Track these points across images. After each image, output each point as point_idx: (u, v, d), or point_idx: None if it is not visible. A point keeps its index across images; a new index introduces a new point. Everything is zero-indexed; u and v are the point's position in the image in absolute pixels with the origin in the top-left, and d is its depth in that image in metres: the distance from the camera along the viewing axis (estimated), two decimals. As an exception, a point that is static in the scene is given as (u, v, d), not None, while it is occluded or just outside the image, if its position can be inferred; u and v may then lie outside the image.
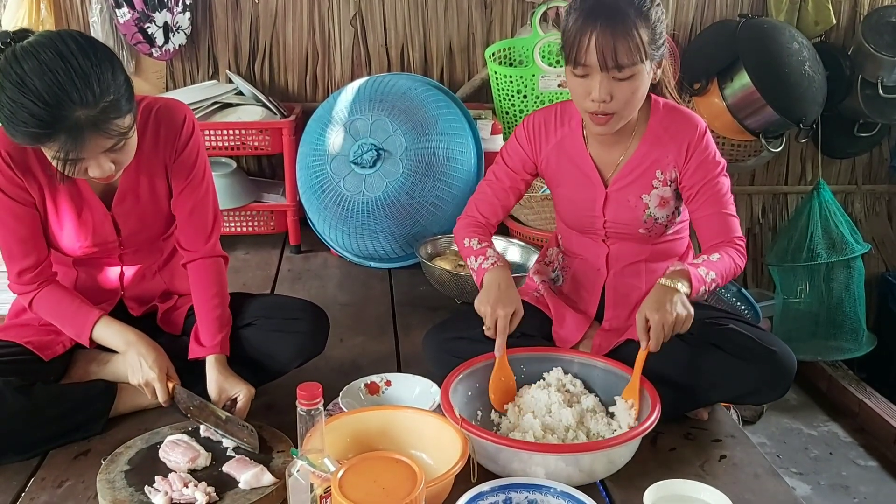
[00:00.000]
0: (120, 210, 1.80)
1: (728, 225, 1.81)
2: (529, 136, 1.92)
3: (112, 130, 1.52)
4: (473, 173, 2.80)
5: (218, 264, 1.90)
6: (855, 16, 3.45)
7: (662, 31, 1.72)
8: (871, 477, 2.89)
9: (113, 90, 1.50)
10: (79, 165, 1.56)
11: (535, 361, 1.87)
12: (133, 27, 3.03)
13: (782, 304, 3.45)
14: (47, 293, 1.80)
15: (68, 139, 1.49)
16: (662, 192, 1.84)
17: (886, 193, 3.80)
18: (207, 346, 1.81)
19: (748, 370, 1.74)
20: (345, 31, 3.31)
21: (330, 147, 2.75)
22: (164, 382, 1.77)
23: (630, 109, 1.73)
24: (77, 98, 1.46)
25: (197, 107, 2.96)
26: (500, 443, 1.55)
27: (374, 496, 1.26)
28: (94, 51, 1.50)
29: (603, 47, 1.62)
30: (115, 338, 1.80)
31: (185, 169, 1.82)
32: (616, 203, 1.86)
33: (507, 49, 3.19)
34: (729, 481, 1.66)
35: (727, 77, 3.14)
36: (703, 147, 1.80)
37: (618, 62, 1.63)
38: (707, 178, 1.80)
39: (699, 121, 1.83)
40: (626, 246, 1.92)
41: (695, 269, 1.69)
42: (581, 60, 1.66)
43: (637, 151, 1.83)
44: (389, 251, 2.83)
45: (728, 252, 1.77)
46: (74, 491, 1.61)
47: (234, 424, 1.70)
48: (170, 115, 1.79)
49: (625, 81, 1.67)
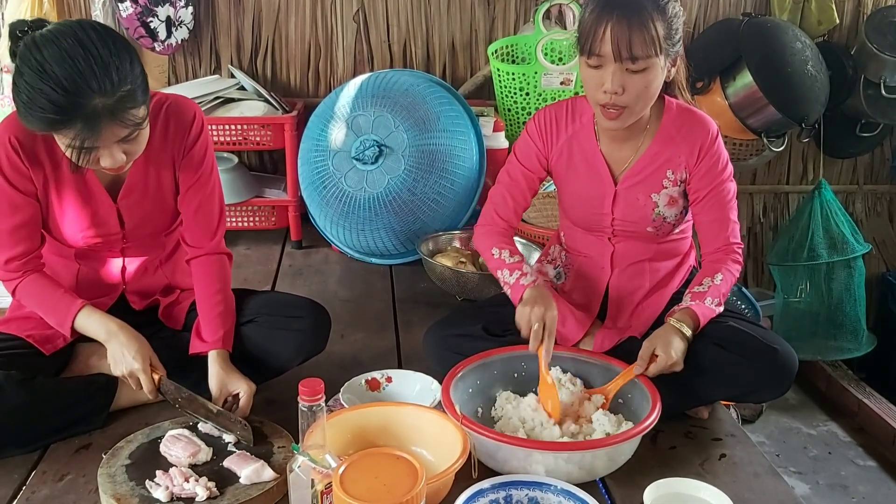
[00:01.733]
0: (126, 203, 1.80)
1: (730, 231, 1.85)
2: (541, 132, 1.91)
3: (128, 120, 1.53)
4: (475, 170, 2.80)
5: (222, 261, 1.90)
6: (858, 15, 3.44)
7: (679, 28, 1.72)
8: (870, 477, 2.89)
9: (130, 80, 1.52)
10: (92, 155, 1.56)
11: (535, 358, 1.86)
12: (135, 21, 3.03)
13: (782, 303, 3.45)
14: (31, 281, 1.79)
15: (84, 127, 1.49)
16: (672, 192, 1.84)
17: (888, 194, 3.80)
18: (209, 342, 1.80)
19: (749, 368, 1.74)
20: (347, 27, 3.31)
21: (332, 143, 2.75)
22: (149, 373, 1.74)
23: (642, 104, 1.73)
24: (96, 86, 1.47)
25: (199, 102, 2.95)
26: (501, 440, 1.55)
27: (375, 492, 1.26)
28: (113, 41, 1.52)
29: (618, 37, 1.63)
30: (97, 327, 1.78)
31: (194, 166, 1.83)
32: (625, 201, 1.86)
33: (510, 46, 3.19)
34: (729, 480, 1.66)
35: (730, 76, 3.14)
36: (715, 150, 1.82)
37: (632, 53, 1.64)
38: (715, 183, 1.82)
39: (712, 124, 1.84)
40: (632, 245, 1.92)
41: (702, 308, 1.75)
42: (596, 50, 1.66)
43: (649, 150, 1.83)
44: (391, 247, 2.83)
45: (729, 268, 1.83)
46: (75, 485, 1.61)
47: (225, 418, 1.70)
48: (180, 111, 1.80)
49: (638, 74, 1.67)
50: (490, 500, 1.46)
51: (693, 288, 1.82)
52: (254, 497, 1.51)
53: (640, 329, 1.88)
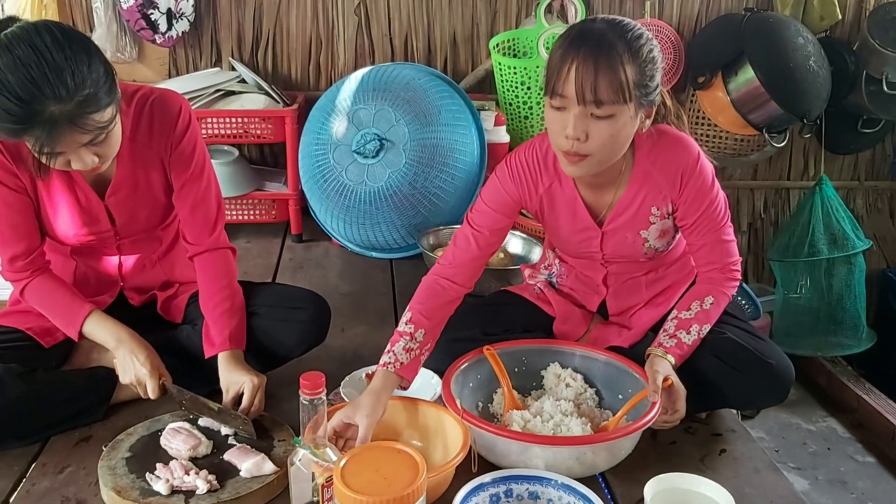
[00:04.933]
0: (114, 200, 1.79)
1: (725, 251, 1.77)
2: (517, 182, 1.77)
3: (88, 125, 1.49)
4: (476, 164, 2.80)
5: (225, 256, 1.89)
6: (860, 11, 3.43)
7: (655, 76, 1.57)
8: (869, 473, 2.90)
9: (89, 84, 1.47)
10: (59, 159, 1.54)
11: (536, 354, 1.87)
12: (136, 13, 3.02)
13: (783, 299, 3.45)
14: (40, 283, 1.79)
15: (42, 134, 1.46)
16: (661, 226, 1.77)
17: (889, 190, 3.80)
18: (216, 345, 1.79)
19: (744, 381, 1.73)
20: (348, 20, 3.30)
21: (332, 136, 2.74)
22: (156, 379, 1.74)
23: (607, 153, 1.59)
24: (50, 93, 1.43)
25: (200, 94, 2.96)
26: (502, 434, 1.55)
27: (376, 486, 1.26)
28: (69, 43, 1.46)
29: (583, 78, 1.49)
30: (106, 334, 1.78)
31: (184, 162, 1.81)
32: (614, 240, 1.80)
33: (512, 40, 3.18)
34: (729, 475, 1.66)
35: (731, 71, 3.13)
36: (698, 174, 1.69)
37: (597, 96, 1.50)
38: (703, 208, 1.71)
39: (690, 145, 1.70)
40: (626, 266, 1.88)
41: (682, 349, 1.70)
42: (559, 90, 1.53)
43: (626, 192, 1.73)
44: (391, 241, 2.83)
45: (723, 288, 1.76)
46: (76, 477, 1.61)
47: (226, 415, 1.70)
48: (165, 106, 1.78)
49: (603, 121, 1.53)
50: (490, 495, 1.46)
51: (681, 312, 1.75)
52: (254, 490, 1.51)
53: (641, 331, 1.88)
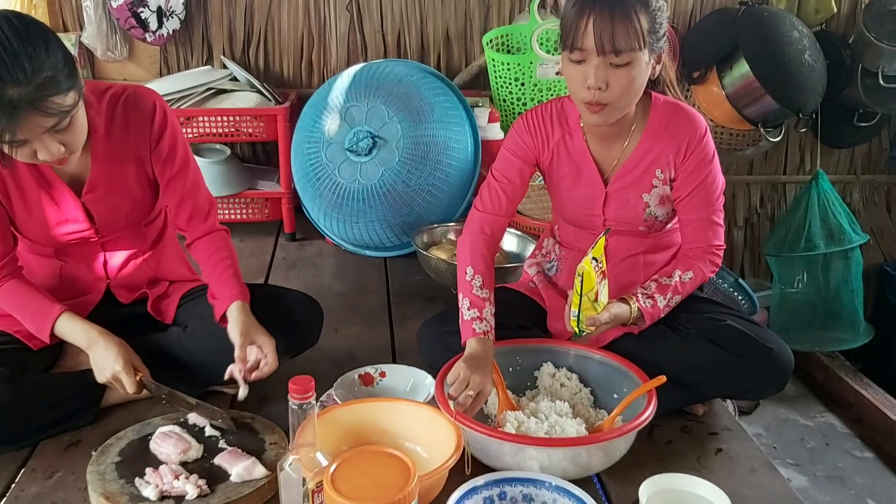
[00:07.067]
0: (91, 198, 1.78)
1: (713, 233, 1.83)
2: (532, 132, 1.87)
3: (50, 108, 1.49)
4: (470, 161, 2.78)
5: (223, 235, 1.91)
6: (856, 4, 3.42)
7: (663, 23, 1.68)
8: (868, 468, 2.89)
9: (48, 67, 1.47)
10: (24, 148, 1.53)
11: (531, 353, 1.86)
12: (126, 11, 3.00)
13: (780, 294, 3.44)
14: (10, 287, 1.76)
15: (3, 118, 1.46)
16: (663, 191, 1.82)
17: (885, 184, 3.79)
18: (229, 296, 1.78)
19: (744, 367, 1.73)
20: (341, 17, 3.28)
21: (325, 134, 2.72)
22: (132, 374, 1.72)
23: (626, 100, 1.69)
24: (7, 76, 1.44)
25: (191, 93, 2.93)
26: (495, 436, 1.54)
27: (367, 491, 1.25)
28: (26, 29, 1.48)
29: (601, 30, 1.60)
30: (77, 334, 1.76)
31: (166, 157, 1.81)
32: (616, 202, 1.84)
33: (505, 36, 3.16)
34: (725, 475, 1.65)
35: (726, 66, 3.12)
36: (703, 147, 1.78)
37: (615, 46, 1.61)
38: (700, 180, 1.79)
39: (700, 120, 1.80)
40: (625, 240, 1.89)
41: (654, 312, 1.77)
42: (578, 44, 1.63)
43: (637, 148, 1.81)
44: (385, 240, 2.81)
45: (703, 267, 1.82)
46: (65, 482, 1.60)
47: (204, 409, 1.71)
48: (139, 103, 1.77)
49: (622, 68, 1.63)
50: (484, 497, 1.45)
51: (662, 278, 1.81)
52: (245, 495, 1.49)
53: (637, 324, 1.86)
